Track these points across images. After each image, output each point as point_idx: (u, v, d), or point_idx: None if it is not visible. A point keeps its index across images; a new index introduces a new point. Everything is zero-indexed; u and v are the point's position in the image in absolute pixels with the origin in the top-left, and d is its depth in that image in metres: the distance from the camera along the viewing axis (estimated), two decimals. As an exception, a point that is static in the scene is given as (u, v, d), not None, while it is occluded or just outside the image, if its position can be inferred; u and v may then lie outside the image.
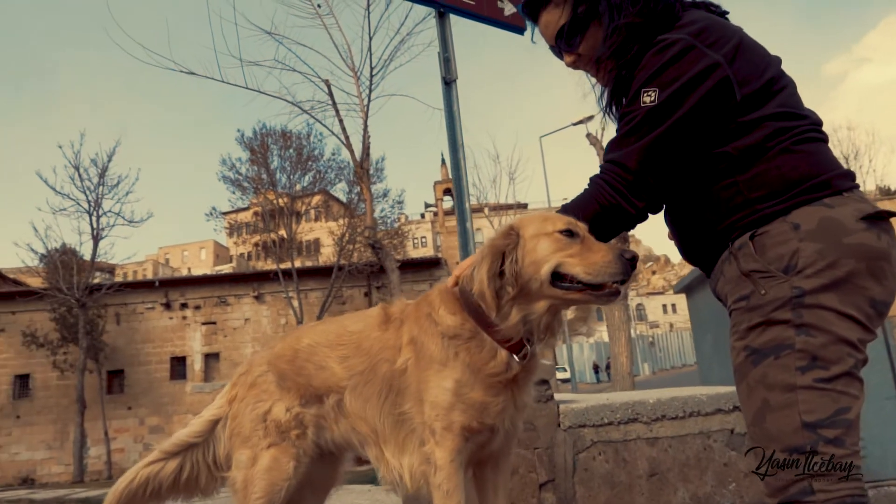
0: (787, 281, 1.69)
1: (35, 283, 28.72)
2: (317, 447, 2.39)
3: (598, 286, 1.92)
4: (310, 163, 30.81)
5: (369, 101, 12.46)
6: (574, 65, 2.20)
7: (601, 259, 1.90)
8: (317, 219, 45.22)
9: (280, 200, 30.64)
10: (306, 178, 31.44)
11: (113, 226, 26.26)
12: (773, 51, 1.94)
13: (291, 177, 30.98)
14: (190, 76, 11.97)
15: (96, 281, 28.76)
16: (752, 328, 1.75)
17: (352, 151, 13.33)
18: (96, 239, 25.70)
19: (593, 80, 2.25)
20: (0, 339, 28.76)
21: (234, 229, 52.48)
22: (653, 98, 1.82)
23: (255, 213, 36.70)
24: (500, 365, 2.06)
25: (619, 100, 2.09)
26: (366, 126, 12.60)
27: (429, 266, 29.82)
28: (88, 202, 25.67)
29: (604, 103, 2.18)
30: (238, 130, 33.16)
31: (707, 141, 1.85)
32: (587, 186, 2.04)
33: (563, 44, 2.15)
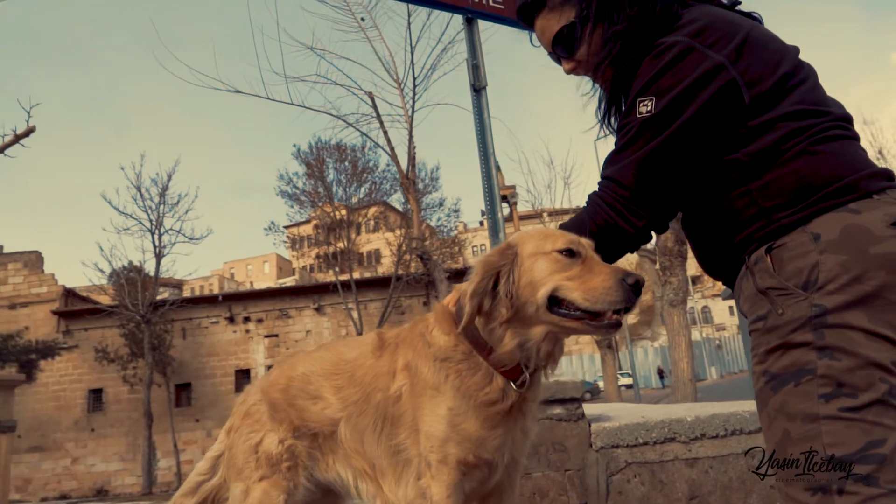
0: (806, 298, 1.51)
1: (105, 300, 29.73)
2: (310, 481, 2.28)
3: (597, 314, 1.75)
4: (365, 174, 31.14)
5: (413, 111, 12.46)
6: (574, 71, 2.06)
7: (601, 284, 1.72)
8: (375, 230, 45.60)
9: (337, 213, 30.98)
10: (362, 189, 31.77)
11: (174, 243, 27.00)
12: (837, 41, 1.77)
13: (347, 189, 31.33)
14: (236, 94, 12.11)
15: (162, 297, 29.60)
16: (770, 351, 1.57)
17: (398, 163, 13.34)
18: (159, 256, 26.43)
19: (595, 84, 2.11)
20: (75, 355, 29.90)
21: (295, 242, 53.37)
22: (649, 108, 1.68)
23: (316, 226, 37.19)
24: (496, 392, 1.91)
25: (617, 110, 1.96)
26: (411, 137, 12.61)
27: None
28: (150, 221, 26.43)
29: (601, 114, 2.04)
30: (294, 145, 33.71)
31: (715, 148, 1.69)
32: (586, 204, 1.90)
33: (560, 50, 2.02)
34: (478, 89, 5.01)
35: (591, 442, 3.62)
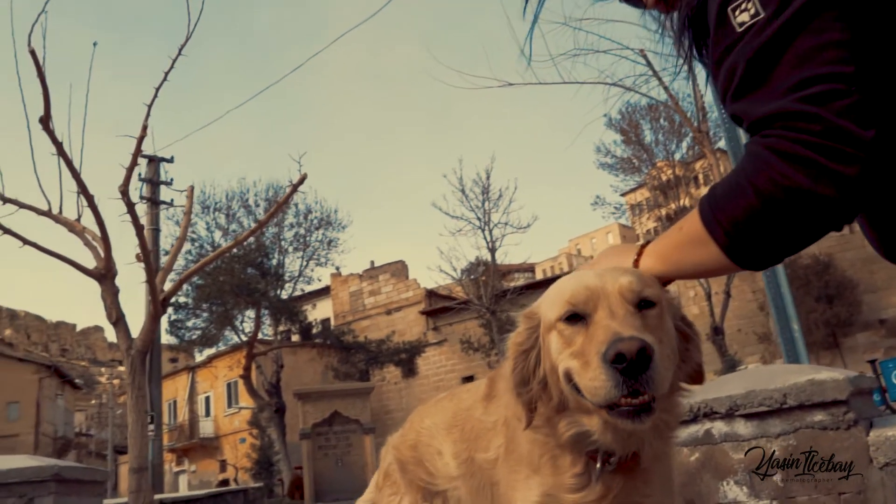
0: None
1: (460, 294, 32.54)
2: None
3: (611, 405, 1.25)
4: (683, 127, 29.49)
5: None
6: (658, 5, 1.41)
7: (591, 362, 1.23)
8: (709, 182, 42.92)
9: (663, 174, 29.86)
10: (683, 143, 30.20)
11: (505, 235, 28.27)
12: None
13: (668, 146, 30.02)
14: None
15: (516, 283, 31.33)
16: None
17: (684, 116, 12.40)
18: (492, 251, 28.00)
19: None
20: (445, 348, 33.19)
21: (633, 208, 52.62)
22: (753, 11, 1.04)
23: (653, 188, 36.13)
24: (583, 478, 1.46)
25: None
26: (695, 85, 11.57)
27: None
28: (479, 219, 28.06)
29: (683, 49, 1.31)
30: (604, 115, 32.76)
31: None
32: (742, 161, 1.11)
33: None
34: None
35: (871, 456, 2.83)
